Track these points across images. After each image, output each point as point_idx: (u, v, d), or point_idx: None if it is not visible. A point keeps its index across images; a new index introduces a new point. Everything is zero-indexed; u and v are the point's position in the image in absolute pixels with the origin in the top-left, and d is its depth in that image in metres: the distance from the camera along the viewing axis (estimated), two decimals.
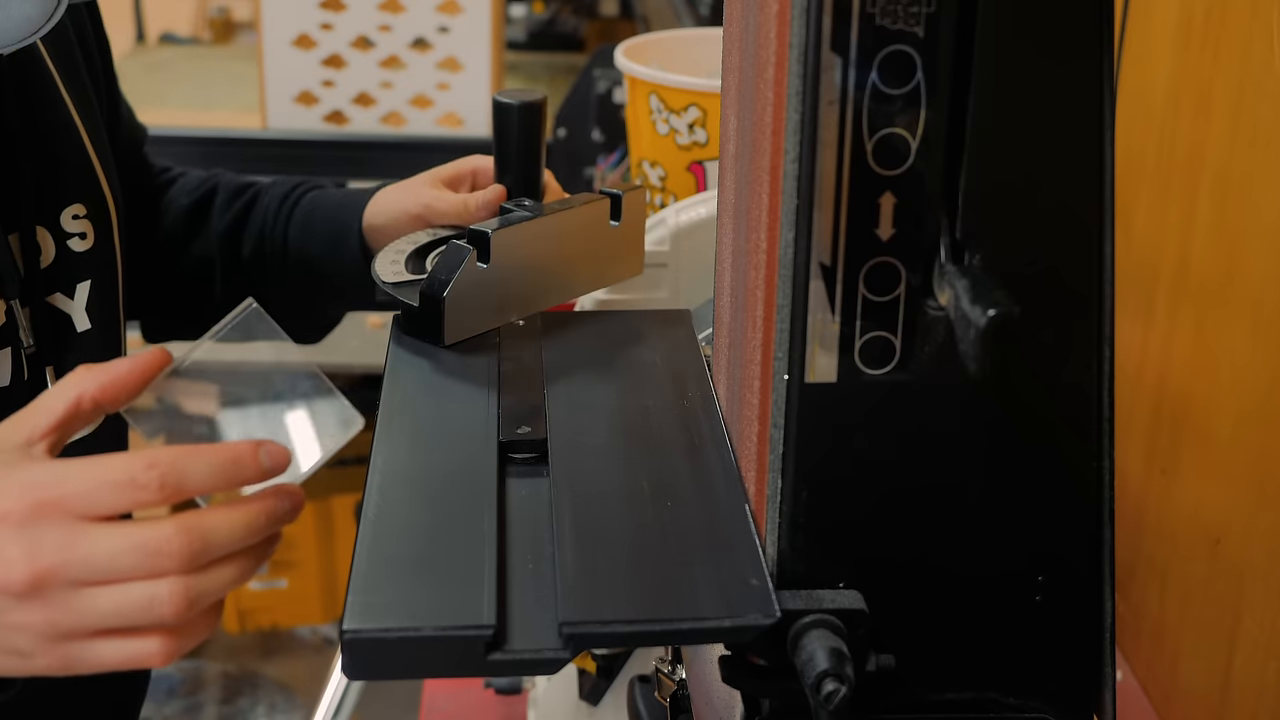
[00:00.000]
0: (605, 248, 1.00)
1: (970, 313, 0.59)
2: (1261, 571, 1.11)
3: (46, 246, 0.95)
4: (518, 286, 0.94)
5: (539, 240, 0.94)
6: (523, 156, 1.03)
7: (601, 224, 0.99)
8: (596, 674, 1.12)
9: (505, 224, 0.92)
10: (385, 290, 0.93)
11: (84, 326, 0.97)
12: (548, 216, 0.95)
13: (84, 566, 0.60)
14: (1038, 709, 0.70)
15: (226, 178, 1.20)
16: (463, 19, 2.36)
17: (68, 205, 0.97)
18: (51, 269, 0.95)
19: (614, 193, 0.99)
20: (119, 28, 3.32)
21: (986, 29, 0.60)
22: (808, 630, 0.64)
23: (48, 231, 0.95)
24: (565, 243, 0.97)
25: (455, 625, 0.64)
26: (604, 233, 0.99)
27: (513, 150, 1.03)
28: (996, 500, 0.67)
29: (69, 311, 0.96)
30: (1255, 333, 1.12)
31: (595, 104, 2.20)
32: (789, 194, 0.62)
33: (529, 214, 0.95)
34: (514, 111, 1.01)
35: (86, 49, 1.04)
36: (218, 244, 1.15)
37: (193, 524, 0.61)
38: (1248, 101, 1.13)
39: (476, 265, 0.90)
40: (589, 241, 0.98)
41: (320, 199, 1.15)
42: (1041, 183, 0.63)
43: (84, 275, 0.97)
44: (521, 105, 1.01)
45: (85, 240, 0.97)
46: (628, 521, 0.72)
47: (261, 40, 2.37)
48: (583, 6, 3.50)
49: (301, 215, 1.13)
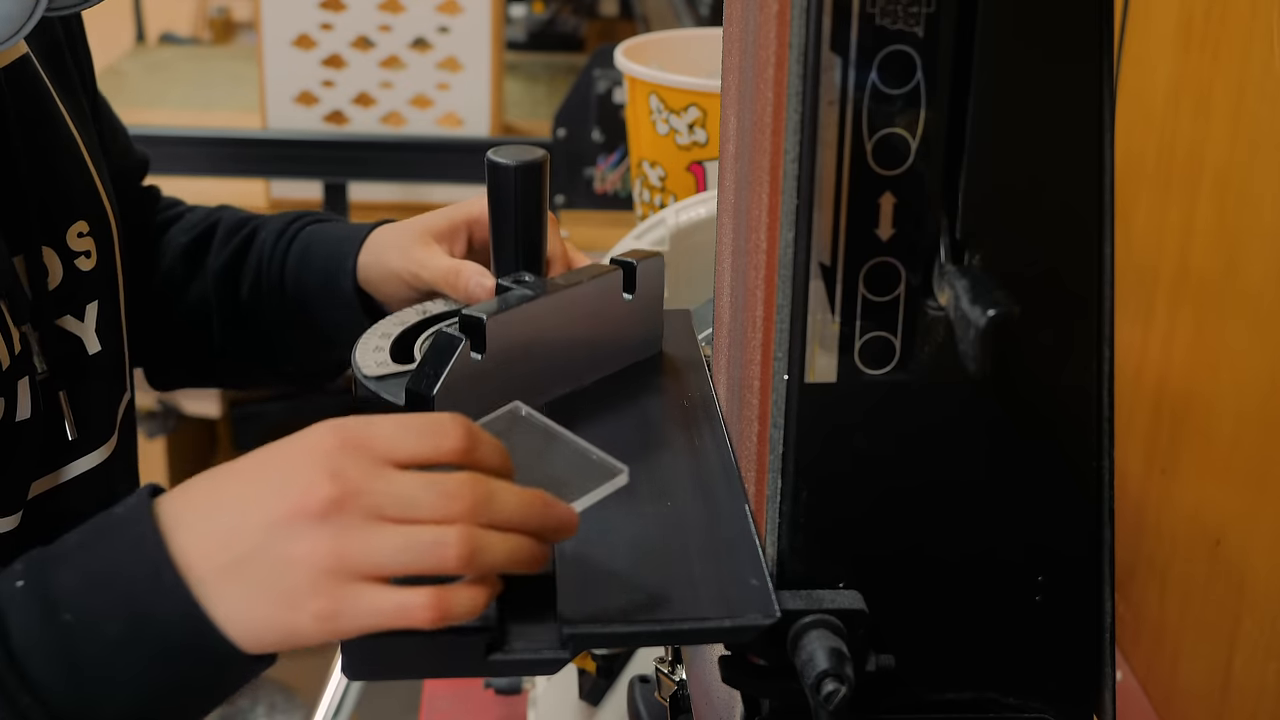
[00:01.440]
0: (619, 325, 0.88)
1: (970, 313, 0.59)
2: (1261, 571, 1.11)
3: (54, 267, 0.90)
4: (519, 377, 0.81)
5: (542, 323, 0.82)
6: (522, 224, 0.89)
7: (614, 299, 0.87)
8: (596, 674, 1.12)
9: (503, 306, 0.80)
10: (366, 387, 0.80)
11: (95, 348, 0.93)
12: (551, 295, 0.83)
13: (383, 496, 0.61)
14: (1037, 709, 0.70)
15: (228, 214, 1.13)
16: (463, 19, 2.36)
17: (72, 223, 0.92)
18: (59, 290, 0.91)
19: (628, 262, 0.88)
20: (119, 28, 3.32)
21: (986, 29, 0.60)
22: (808, 630, 0.64)
23: (54, 252, 0.91)
24: (573, 323, 0.85)
25: (455, 626, 0.64)
26: (617, 308, 0.87)
27: (511, 217, 0.89)
28: (996, 500, 0.67)
29: (79, 334, 0.92)
30: (1255, 333, 1.12)
31: (595, 104, 2.20)
32: (789, 194, 0.62)
33: (530, 292, 0.83)
34: (511, 174, 0.88)
35: (77, 59, 1.01)
36: (214, 284, 1.08)
37: (481, 479, 0.63)
38: (1248, 102, 1.13)
39: (470, 356, 0.78)
40: (600, 320, 0.87)
41: (318, 233, 1.07)
42: (1041, 183, 0.63)
43: (92, 295, 0.93)
44: (520, 166, 0.87)
45: (90, 259, 0.93)
46: (627, 521, 0.72)
47: (261, 40, 2.37)
48: (583, 6, 3.50)
49: (299, 250, 1.06)
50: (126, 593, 0.63)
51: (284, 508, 0.61)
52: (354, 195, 2.35)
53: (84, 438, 0.92)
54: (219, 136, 2.38)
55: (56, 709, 0.62)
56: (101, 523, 0.66)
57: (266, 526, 0.61)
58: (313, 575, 0.61)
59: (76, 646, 0.62)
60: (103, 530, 0.65)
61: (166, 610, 0.62)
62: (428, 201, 2.43)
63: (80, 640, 0.62)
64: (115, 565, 0.63)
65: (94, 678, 0.62)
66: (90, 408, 0.93)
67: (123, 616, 0.62)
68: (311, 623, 0.61)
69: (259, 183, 2.46)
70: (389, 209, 2.44)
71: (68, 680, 0.62)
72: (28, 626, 0.63)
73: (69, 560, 0.64)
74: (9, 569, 0.66)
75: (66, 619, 0.62)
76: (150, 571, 0.63)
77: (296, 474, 0.62)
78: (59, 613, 0.63)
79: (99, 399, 0.94)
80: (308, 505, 0.61)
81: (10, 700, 0.62)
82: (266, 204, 2.46)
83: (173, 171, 2.36)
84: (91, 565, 0.64)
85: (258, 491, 0.63)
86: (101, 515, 0.66)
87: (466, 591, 0.62)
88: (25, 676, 0.62)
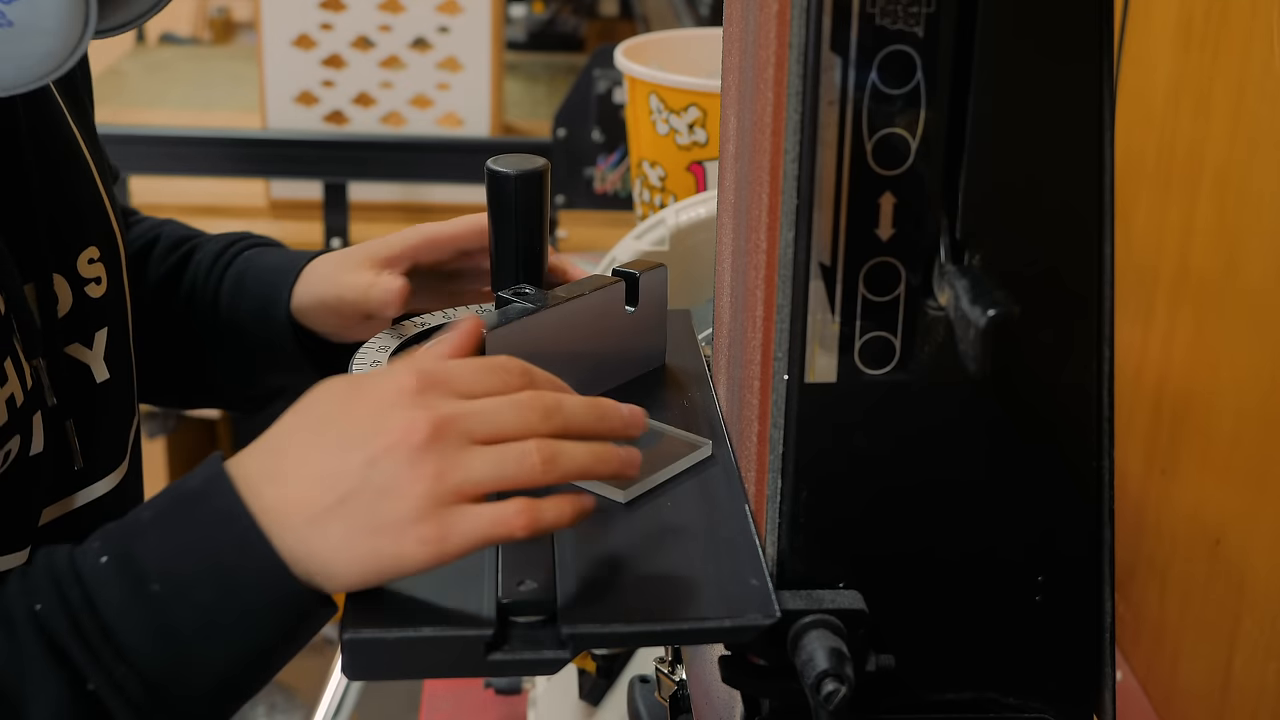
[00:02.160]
0: (622, 338, 0.87)
1: (970, 313, 0.59)
2: (1261, 571, 1.11)
3: (64, 295, 0.88)
4: None
5: (543, 336, 0.81)
6: (523, 235, 0.88)
7: (616, 311, 0.86)
8: (596, 674, 1.12)
9: (503, 320, 0.80)
10: None
11: (103, 376, 0.91)
12: (552, 308, 0.82)
13: (471, 419, 0.66)
14: (1037, 709, 0.70)
15: (169, 229, 1.09)
16: (463, 19, 2.36)
17: (84, 248, 0.90)
18: (69, 318, 0.88)
19: (630, 273, 0.86)
20: None
21: (986, 29, 0.60)
22: (808, 630, 0.64)
23: (64, 279, 0.88)
24: (574, 337, 0.83)
25: (455, 626, 0.64)
26: (619, 320, 0.86)
27: (511, 227, 0.88)
28: (996, 500, 0.67)
29: (88, 362, 0.90)
30: (1255, 333, 1.12)
31: (595, 104, 2.20)
32: (789, 194, 0.62)
33: (531, 306, 0.81)
34: (511, 182, 0.87)
35: (83, 69, 0.98)
36: (151, 299, 1.04)
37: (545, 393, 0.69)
38: (1248, 101, 1.13)
39: None
40: (602, 333, 0.85)
41: (255, 259, 1.03)
42: (1041, 183, 0.63)
43: (101, 322, 0.91)
44: (520, 175, 0.86)
45: (100, 285, 0.91)
46: (628, 522, 0.72)
47: (261, 40, 2.37)
48: (583, 6, 3.50)
49: (234, 277, 1.02)
50: (214, 560, 0.66)
51: (385, 443, 0.65)
52: (354, 195, 2.35)
53: (96, 466, 0.91)
54: (219, 136, 2.38)
55: (150, 677, 0.65)
56: (177, 495, 0.68)
57: (368, 463, 0.65)
58: (417, 502, 0.65)
59: (168, 615, 0.65)
60: (181, 502, 0.68)
61: (254, 573, 0.66)
62: (428, 201, 2.43)
63: (171, 609, 0.65)
64: (201, 535, 0.66)
65: (185, 643, 0.65)
66: (100, 436, 0.91)
67: (212, 583, 0.65)
68: (419, 548, 0.65)
69: (259, 183, 2.46)
70: (389, 209, 2.44)
71: (160, 648, 0.65)
72: (118, 599, 0.65)
73: (151, 533, 0.67)
74: (84, 547, 0.68)
75: (155, 589, 0.65)
76: (237, 537, 0.66)
77: (391, 413, 0.66)
78: (148, 583, 0.65)
79: (109, 427, 0.92)
80: (410, 438, 0.65)
81: (106, 670, 0.65)
82: (266, 204, 2.46)
83: (173, 171, 2.37)
84: (177, 537, 0.67)
85: (354, 433, 0.66)
86: (174, 488, 0.69)
87: (553, 501, 0.66)
88: (120, 647, 0.65)
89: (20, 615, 0.66)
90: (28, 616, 0.66)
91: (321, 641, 0.89)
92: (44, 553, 0.69)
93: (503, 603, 0.66)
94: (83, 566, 0.67)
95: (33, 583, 0.67)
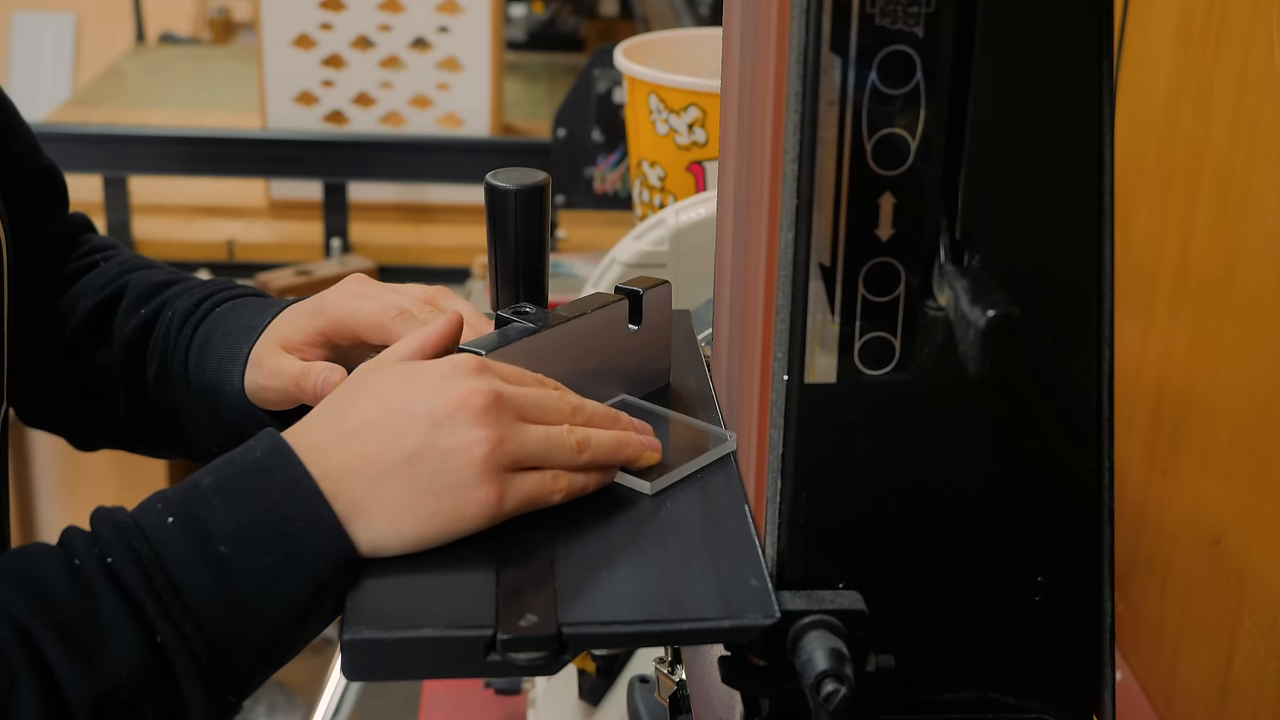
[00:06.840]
0: (625, 357, 0.85)
1: (970, 313, 0.59)
2: (1261, 571, 1.11)
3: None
4: None
5: (544, 357, 0.79)
6: (523, 251, 0.85)
7: (619, 330, 0.84)
8: (596, 674, 1.12)
9: (502, 340, 0.78)
10: None
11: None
12: (554, 328, 0.80)
13: (523, 399, 0.73)
14: (1037, 709, 0.70)
15: (138, 277, 1.00)
16: (463, 19, 2.36)
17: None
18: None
19: (633, 290, 0.84)
20: (119, 28, 3.33)
21: (986, 29, 0.60)
22: (807, 631, 0.64)
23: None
24: (577, 357, 0.82)
25: (455, 626, 0.64)
26: (623, 339, 0.84)
27: (511, 244, 0.85)
28: (996, 500, 0.67)
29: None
30: (1255, 333, 1.12)
31: (595, 104, 2.20)
32: (789, 194, 0.62)
33: (531, 325, 0.80)
34: (511, 198, 0.84)
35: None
36: (120, 357, 0.98)
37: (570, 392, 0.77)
38: (1248, 101, 1.13)
39: None
40: (605, 352, 0.83)
41: (223, 317, 0.95)
42: (1041, 183, 0.63)
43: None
44: (520, 190, 0.83)
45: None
46: (628, 522, 0.72)
47: (261, 40, 2.37)
48: (583, 6, 3.51)
49: (201, 340, 0.94)
50: (281, 526, 0.69)
51: (449, 408, 0.71)
52: (354, 195, 2.35)
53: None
54: (219, 136, 2.38)
55: (213, 634, 0.68)
56: (240, 464, 0.71)
57: (433, 425, 0.70)
58: (478, 465, 0.70)
59: (234, 576, 0.68)
60: (245, 469, 0.71)
61: (318, 541, 0.69)
62: (428, 201, 2.43)
63: (238, 570, 0.68)
64: (268, 501, 0.69)
65: (249, 603, 0.68)
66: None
67: (278, 547, 0.69)
68: (478, 509, 0.70)
69: (259, 183, 2.46)
70: (389, 209, 2.44)
71: (225, 606, 0.68)
72: (186, 559, 0.68)
73: (215, 499, 0.70)
74: (144, 507, 0.71)
75: (223, 551, 0.68)
76: (304, 505, 0.69)
77: (453, 383, 0.72)
78: (215, 545, 0.69)
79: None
80: (471, 404, 0.71)
81: (176, 625, 0.67)
82: (266, 204, 2.46)
83: (173, 171, 2.37)
84: (243, 503, 0.70)
85: (418, 400, 0.71)
86: (233, 457, 0.72)
87: (582, 473, 0.74)
88: (189, 604, 0.68)
89: (93, 569, 0.68)
90: (101, 571, 0.68)
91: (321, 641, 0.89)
92: (105, 511, 0.71)
93: (503, 640, 0.64)
94: (148, 526, 0.69)
95: (100, 538, 0.69)
